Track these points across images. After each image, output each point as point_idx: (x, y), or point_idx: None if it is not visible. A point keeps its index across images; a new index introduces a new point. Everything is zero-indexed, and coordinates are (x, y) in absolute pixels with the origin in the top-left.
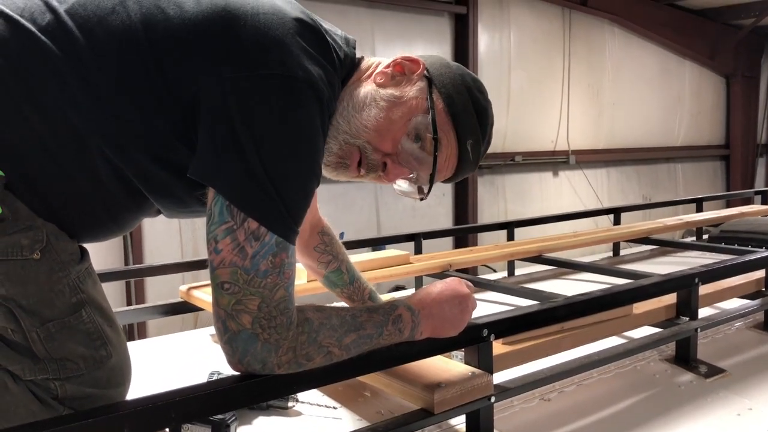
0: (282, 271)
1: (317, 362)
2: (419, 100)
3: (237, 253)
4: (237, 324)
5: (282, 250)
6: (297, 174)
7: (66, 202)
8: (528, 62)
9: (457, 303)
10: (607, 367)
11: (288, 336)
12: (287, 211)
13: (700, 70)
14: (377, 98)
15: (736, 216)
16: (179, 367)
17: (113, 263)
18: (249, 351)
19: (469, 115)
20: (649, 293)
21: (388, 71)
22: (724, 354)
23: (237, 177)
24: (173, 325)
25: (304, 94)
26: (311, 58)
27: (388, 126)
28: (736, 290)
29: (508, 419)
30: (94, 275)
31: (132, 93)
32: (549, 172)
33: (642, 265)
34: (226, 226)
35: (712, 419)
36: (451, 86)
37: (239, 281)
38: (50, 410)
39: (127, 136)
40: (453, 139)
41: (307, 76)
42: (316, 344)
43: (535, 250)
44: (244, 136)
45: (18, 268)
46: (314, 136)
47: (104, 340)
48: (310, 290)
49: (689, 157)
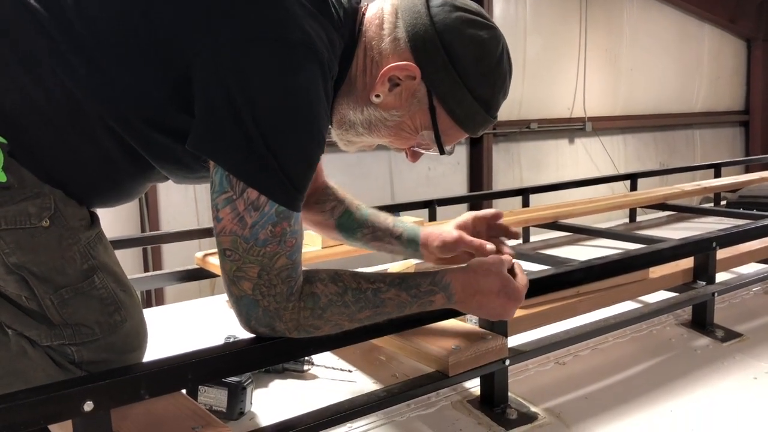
0: (284, 240)
1: (327, 331)
2: (422, 114)
3: (237, 222)
4: (238, 289)
5: (283, 218)
6: (297, 140)
7: (69, 169)
8: (544, 27)
9: (505, 294)
10: (623, 331)
11: (288, 306)
12: (288, 179)
13: (721, 33)
14: (383, 120)
15: (755, 181)
16: (196, 332)
17: (130, 231)
18: (252, 316)
19: (476, 111)
20: (666, 257)
21: (384, 88)
22: (741, 318)
23: (234, 147)
24: (191, 292)
25: (304, 57)
26: (310, 15)
27: (401, 138)
28: (755, 255)
29: (523, 382)
30: (105, 241)
31: (125, 59)
32: (565, 139)
33: (659, 231)
34: (225, 195)
35: (729, 382)
36: (449, 86)
37: (239, 249)
38: (68, 374)
39: (123, 103)
40: (463, 131)
41: (305, 38)
42: (322, 320)
43: (550, 216)
44: (241, 103)
45: (28, 236)
46: (314, 101)
47: (118, 305)
48: (324, 257)
49: (708, 123)
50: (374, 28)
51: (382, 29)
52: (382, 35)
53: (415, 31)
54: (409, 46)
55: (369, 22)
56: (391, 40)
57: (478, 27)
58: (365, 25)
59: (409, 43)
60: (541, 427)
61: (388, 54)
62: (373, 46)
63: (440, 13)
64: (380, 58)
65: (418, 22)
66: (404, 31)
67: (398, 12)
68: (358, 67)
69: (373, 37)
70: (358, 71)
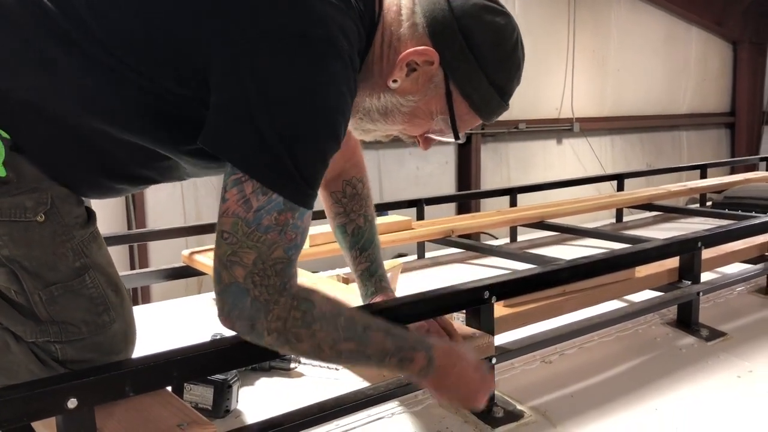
0: (285, 231)
1: (305, 348)
2: (438, 100)
3: (242, 204)
4: (229, 275)
5: (289, 209)
6: (314, 137)
7: (72, 164)
8: (532, 28)
9: (481, 373)
10: (609, 330)
11: (279, 301)
12: (301, 176)
13: (707, 36)
14: (398, 106)
15: (740, 182)
16: (182, 331)
17: (116, 228)
18: (237, 305)
19: (491, 97)
20: (651, 257)
21: (402, 73)
22: (726, 318)
23: (246, 144)
24: (177, 290)
25: (326, 53)
26: (332, 7)
27: (415, 125)
28: (739, 255)
29: (509, 381)
30: (99, 240)
31: (142, 58)
32: (553, 140)
33: (645, 231)
34: (235, 177)
35: (713, 381)
36: (466, 71)
37: (238, 232)
38: (51, 371)
39: (136, 102)
40: (478, 117)
41: (327, 34)
42: (309, 330)
43: (537, 216)
44: (258, 100)
45: (21, 229)
46: (334, 97)
47: (107, 305)
48: (309, 255)
49: (694, 125)
50: (392, 14)
51: (401, 15)
52: (401, 21)
53: (434, 16)
54: (428, 32)
55: (387, 8)
56: (410, 25)
57: (494, 13)
58: (384, 10)
59: (428, 29)
60: (527, 425)
61: (406, 39)
62: (392, 32)
63: (457, 0)
64: (398, 44)
65: (436, 8)
66: (422, 17)
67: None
68: (375, 54)
69: (391, 23)
70: (375, 57)
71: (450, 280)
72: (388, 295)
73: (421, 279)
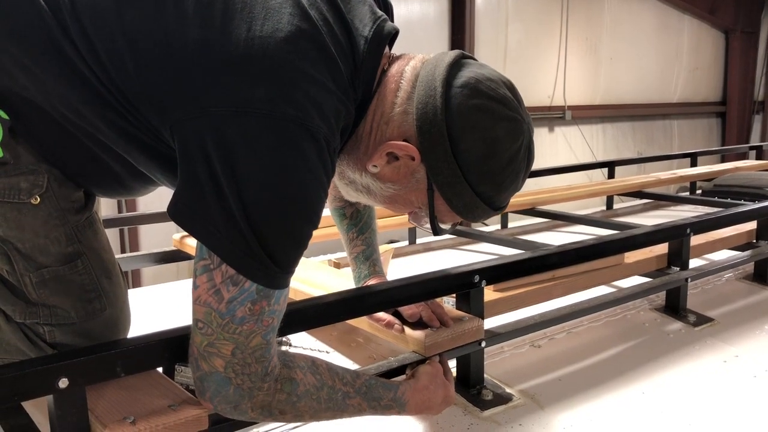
0: (261, 319)
1: (288, 419)
2: (419, 193)
3: (212, 294)
4: (209, 366)
5: (263, 297)
6: (283, 220)
7: (66, 154)
8: (526, 15)
9: (445, 403)
10: (597, 315)
11: (263, 387)
12: (272, 259)
13: (699, 24)
14: (378, 189)
15: (730, 171)
16: (173, 314)
17: (107, 211)
18: (220, 393)
19: (476, 205)
20: (640, 243)
21: (382, 161)
22: (713, 304)
23: (214, 224)
24: (168, 274)
25: (296, 135)
26: (312, 83)
27: (396, 208)
28: (727, 242)
29: (498, 364)
30: (97, 225)
31: (126, 97)
32: (545, 127)
33: (635, 218)
34: (203, 263)
35: (699, 366)
36: (448, 177)
37: (213, 323)
38: (40, 351)
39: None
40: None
41: (298, 114)
42: (294, 408)
43: (528, 203)
44: (225, 179)
45: (15, 211)
46: (306, 179)
47: (99, 292)
48: None
49: (685, 114)
50: (390, 91)
51: (396, 96)
52: (395, 103)
53: (425, 111)
54: (416, 126)
55: (388, 80)
56: (401, 112)
57: (496, 119)
58: (384, 81)
59: (416, 122)
60: (516, 408)
61: (394, 126)
62: (384, 112)
63: (457, 97)
64: (386, 126)
65: (429, 102)
66: (415, 107)
67: (417, 81)
68: (366, 126)
69: (385, 101)
70: (365, 131)
71: (441, 265)
72: (381, 279)
73: (413, 264)
